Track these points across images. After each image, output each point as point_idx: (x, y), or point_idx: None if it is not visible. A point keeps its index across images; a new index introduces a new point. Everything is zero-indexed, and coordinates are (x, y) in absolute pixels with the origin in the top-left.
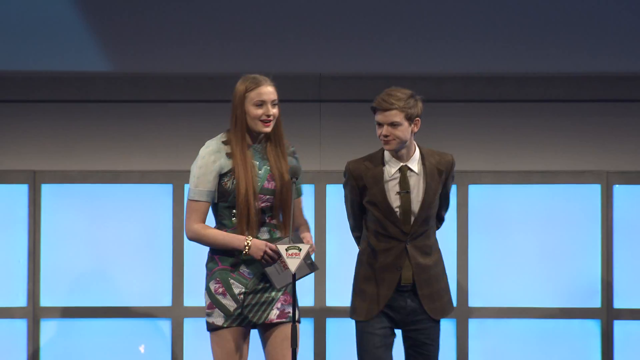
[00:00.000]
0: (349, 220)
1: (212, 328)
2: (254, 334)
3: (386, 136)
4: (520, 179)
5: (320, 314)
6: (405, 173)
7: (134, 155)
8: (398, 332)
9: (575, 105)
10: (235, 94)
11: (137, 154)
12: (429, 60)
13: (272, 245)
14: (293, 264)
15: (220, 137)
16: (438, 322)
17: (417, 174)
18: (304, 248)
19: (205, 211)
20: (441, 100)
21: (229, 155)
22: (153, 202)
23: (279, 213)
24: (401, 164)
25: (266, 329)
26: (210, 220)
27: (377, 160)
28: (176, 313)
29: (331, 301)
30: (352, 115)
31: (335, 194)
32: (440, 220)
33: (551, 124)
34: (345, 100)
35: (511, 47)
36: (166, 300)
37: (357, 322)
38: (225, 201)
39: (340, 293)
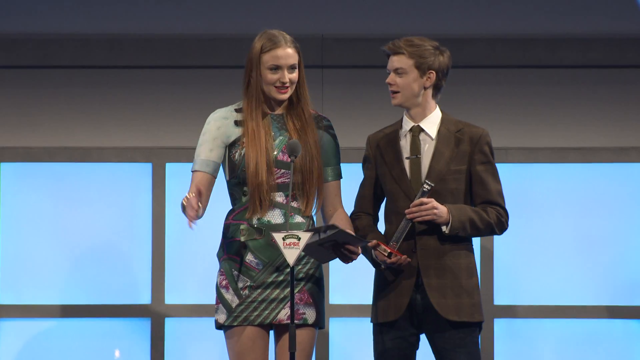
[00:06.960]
0: (359, 202)
1: (217, 326)
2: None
3: (390, 85)
4: (554, 157)
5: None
6: (417, 134)
7: (107, 129)
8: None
9: (618, 72)
10: (249, 53)
11: (111, 128)
12: (449, 20)
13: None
14: (291, 255)
15: (235, 104)
16: (464, 327)
17: (431, 138)
18: (304, 237)
19: (204, 183)
20: (463, 65)
21: (238, 123)
22: (130, 183)
23: (301, 193)
24: (413, 123)
25: (277, 331)
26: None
27: (397, 124)
28: (156, 312)
29: (335, 298)
30: (359, 83)
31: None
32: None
33: (590, 93)
34: (351, 66)
35: (544, 4)
36: (145, 297)
37: (379, 326)
38: (235, 177)
39: (344, 290)
